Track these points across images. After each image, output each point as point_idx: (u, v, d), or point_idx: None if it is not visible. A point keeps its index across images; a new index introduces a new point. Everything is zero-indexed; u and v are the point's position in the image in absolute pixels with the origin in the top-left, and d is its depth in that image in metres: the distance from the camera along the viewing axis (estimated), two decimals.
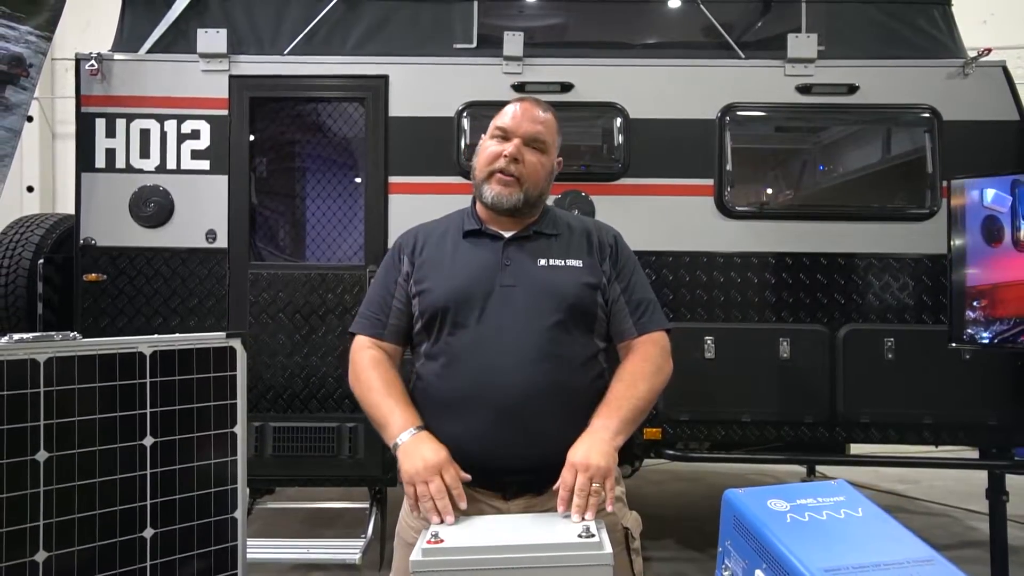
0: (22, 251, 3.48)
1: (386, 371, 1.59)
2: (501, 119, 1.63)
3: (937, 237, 3.21)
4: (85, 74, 3.35)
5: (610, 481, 1.41)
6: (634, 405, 1.52)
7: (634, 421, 1.52)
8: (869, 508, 1.18)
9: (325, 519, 4.07)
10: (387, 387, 1.56)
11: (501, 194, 1.58)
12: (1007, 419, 3.20)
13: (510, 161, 1.58)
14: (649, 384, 1.56)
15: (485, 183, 1.61)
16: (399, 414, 1.51)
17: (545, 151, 1.63)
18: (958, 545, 4.00)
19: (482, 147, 1.65)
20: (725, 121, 3.36)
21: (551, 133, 1.64)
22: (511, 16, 3.60)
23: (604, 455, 1.42)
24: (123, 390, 1.39)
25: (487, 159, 1.62)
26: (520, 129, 1.60)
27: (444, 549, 1.26)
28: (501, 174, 1.59)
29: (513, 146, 1.59)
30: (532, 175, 1.60)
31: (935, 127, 3.33)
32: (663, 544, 3.91)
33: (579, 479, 1.39)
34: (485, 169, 1.61)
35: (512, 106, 1.64)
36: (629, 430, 1.50)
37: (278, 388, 3.32)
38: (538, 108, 1.64)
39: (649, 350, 1.60)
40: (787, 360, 3.25)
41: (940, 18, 3.44)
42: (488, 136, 1.65)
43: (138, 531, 1.40)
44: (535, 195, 1.62)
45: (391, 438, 1.50)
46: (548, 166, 1.65)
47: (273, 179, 3.85)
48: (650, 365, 1.58)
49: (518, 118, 1.61)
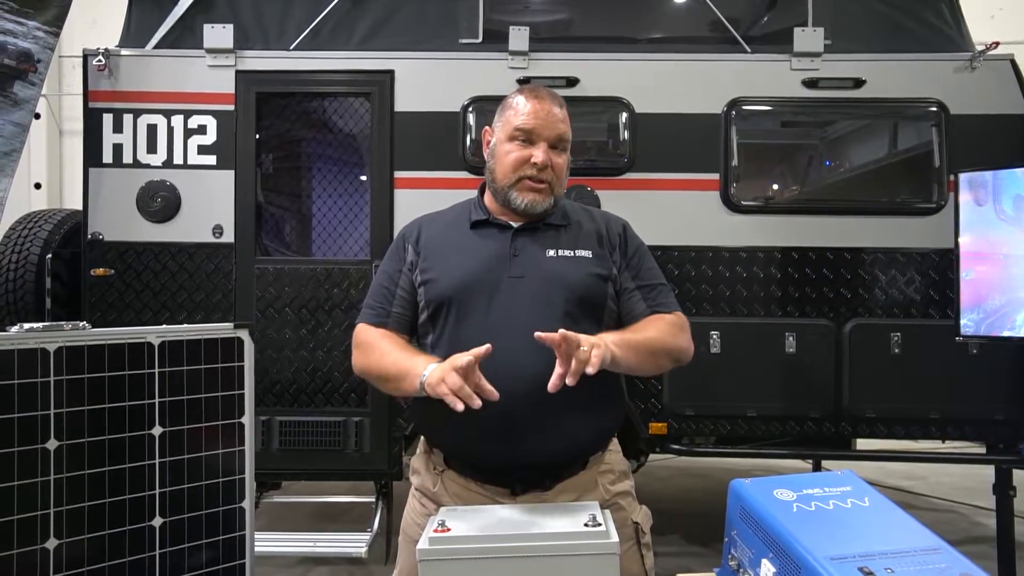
0: (30, 246, 3.50)
1: (395, 339, 1.57)
2: (520, 118, 1.55)
3: (944, 231, 3.19)
4: (92, 70, 3.37)
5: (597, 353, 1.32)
6: (640, 341, 1.48)
7: (635, 350, 1.46)
8: (875, 498, 1.18)
9: (331, 513, 4.09)
10: (400, 347, 1.54)
11: (536, 201, 1.55)
12: (1014, 414, 3.19)
13: (542, 169, 1.54)
14: (661, 335, 1.51)
15: (512, 189, 1.56)
16: (419, 360, 1.46)
17: (567, 149, 1.60)
18: (965, 541, 4.00)
19: (500, 148, 1.58)
20: (731, 115, 3.35)
21: (569, 128, 1.61)
22: (517, 11, 3.60)
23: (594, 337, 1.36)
24: (132, 380, 1.40)
25: (513, 164, 1.55)
26: (546, 132, 1.54)
27: (451, 538, 1.26)
28: (531, 181, 1.55)
29: (543, 153, 1.54)
30: (561, 177, 1.59)
31: (942, 121, 3.32)
32: (669, 539, 3.92)
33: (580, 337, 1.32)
34: (511, 176, 1.55)
35: (526, 102, 1.56)
36: (625, 354, 1.42)
37: (284, 382, 3.33)
38: (555, 104, 1.58)
39: (668, 318, 1.57)
40: (793, 355, 3.25)
41: (947, 12, 3.43)
42: (506, 137, 1.57)
43: (147, 520, 1.41)
44: (562, 194, 1.62)
45: (417, 378, 1.41)
46: (568, 163, 1.62)
47: (279, 174, 3.86)
48: (667, 328, 1.55)
49: (542, 119, 1.54)
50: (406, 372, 1.46)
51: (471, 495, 1.53)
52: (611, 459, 1.62)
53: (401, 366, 1.48)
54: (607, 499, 1.54)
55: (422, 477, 1.62)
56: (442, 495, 1.56)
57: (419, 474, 1.63)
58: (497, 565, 1.24)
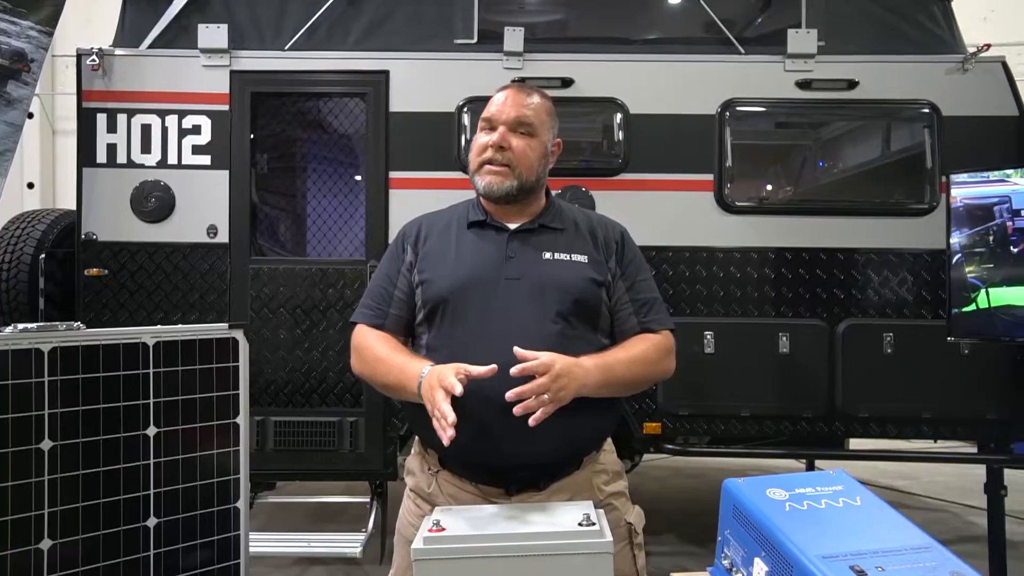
0: (23, 247, 3.49)
1: (392, 342, 1.59)
2: (487, 109, 1.61)
3: (936, 232, 3.21)
4: (86, 69, 3.36)
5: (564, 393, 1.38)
6: (623, 372, 1.51)
7: (614, 384, 1.50)
8: (867, 497, 1.19)
9: (326, 513, 4.09)
10: (397, 350, 1.56)
11: (492, 183, 1.57)
12: (1005, 414, 3.21)
13: (496, 150, 1.57)
14: (645, 367, 1.55)
15: (476, 174, 1.60)
16: (413, 363, 1.49)
17: (533, 134, 1.59)
18: (956, 540, 4.02)
19: (475, 140, 1.64)
20: (725, 116, 3.36)
21: (539, 115, 1.61)
22: (512, 11, 3.60)
23: (574, 367, 1.39)
24: (127, 380, 1.40)
25: (476, 151, 1.61)
26: (503, 116, 1.58)
27: (445, 537, 1.27)
28: (489, 164, 1.58)
29: (499, 134, 1.57)
30: (522, 159, 1.57)
31: (934, 123, 3.34)
32: (663, 539, 3.93)
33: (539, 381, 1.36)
34: (476, 160, 1.61)
35: (498, 94, 1.62)
36: (604, 385, 1.47)
37: (279, 383, 3.33)
38: (523, 93, 1.61)
39: (654, 340, 1.59)
40: (786, 355, 3.26)
41: (940, 14, 3.45)
42: (478, 130, 1.64)
43: (142, 520, 1.42)
44: (531, 180, 1.60)
45: (412, 381, 1.46)
46: (539, 149, 1.60)
47: (274, 174, 3.86)
48: (654, 354, 1.58)
49: (500, 105, 1.59)
50: (400, 379, 1.50)
51: (465, 495, 1.53)
52: (605, 459, 1.62)
53: (393, 373, 1.51)
54: (601, 499, 1.54)
55: (417, 477, 1.62)
56: (437, 495, 1.56)
57: (414, 474, 1.63)
58: (491, 565, 1.24)
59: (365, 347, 1.59)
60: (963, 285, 2.94)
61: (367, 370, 1.59)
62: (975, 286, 2.90)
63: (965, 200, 2.95)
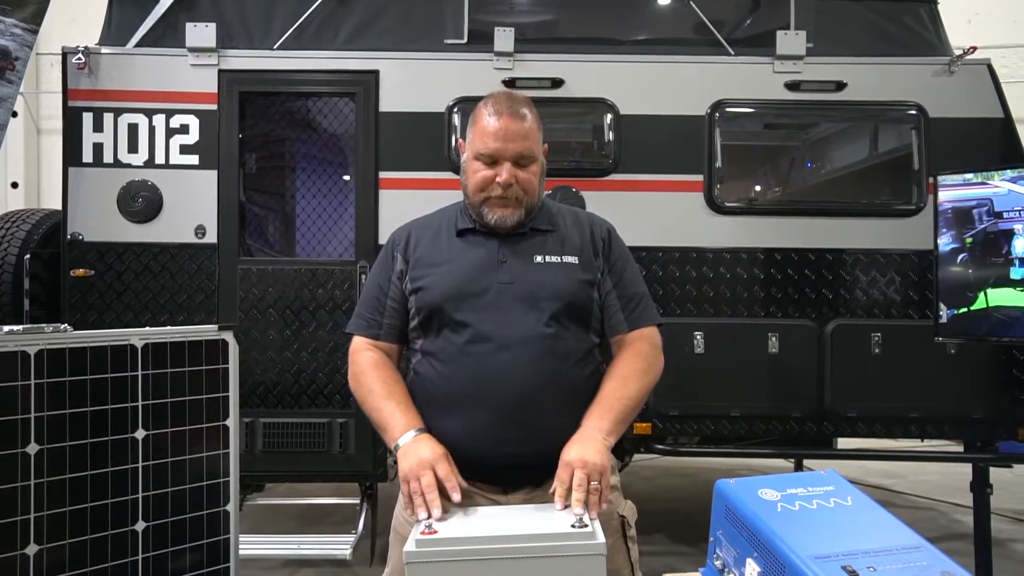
0: (8, 247, 3.45)
1: (386, 373, 1.58)
2: (483, 141, 1.54)
3: (924, 233, 3.24)
4: (72, 68, 3.32)
5: (606, 478, 1.42)
6: (625, 405, 1.53)
7: (626, 420, 1.53)
8: (858, 497, 1.19)
9: (316, 515, 4.07)
10: (387, 389, 1.55)
11: (504, 216, 1.56)
12: (991, 413, 3.24)
13: (505, 188, 1.54)
14: (640, 383, 1.57)
15: (483, 207, 1.57)
16: (400, 416, 1.51)
17: (534, 159, 1.58)
18: (943, 538, 4.05)
19: (469, 166, 1.58)
20: (715, 117, 3.37)
21: (536, 141, 1.58)
22: (502, 12, 3.60)
23: (598, 453, 1.43)
24: (115, 382, 1.39)
25: (478, 184, 1.56)
26: (508, 152, 1.53)
27: (438, 540, 1.26)
28: (498, 199, 1.55)
29: (506, 173, 1.53)
30: (529, 189, 1.57)
31: (921, 124, 3.37)
32: (654, 539, 3.94)
33: (577, 475, 1.38)
34: (479, 195, 1.56)
35: (489, 118, 1.55)
36: (621, 429, 1.51)
37: (268, 384, 3.31)
38: (517, 119, 1.54)
39: (640, 347, 1.61)
40: (776, 355, 3.28)
41: (927, 16, 3.48)
42: (472, 156, 1.57)
43: (130, 524, 1.40)
44: (535, 204, 1.61)
45: (392, 440, 1.50)
46: (539, 169, 1.60)
47: (263, 174, 3.84)
48: (641, 363, 1.59)
49: (501, 138, 1.53)
50: (384, 427, 1.53)
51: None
52: None
53: (380, 416, 1.53)
54: None
55: None
56: None
57: None
58: (484, 567, 1.24)
59: (361, 372, 1.60)
60: (951, 285, 2.97)
61: (358, 393, 1.60)
62: (963, 286, 2.93)
63: (952, 202, 2.98)
